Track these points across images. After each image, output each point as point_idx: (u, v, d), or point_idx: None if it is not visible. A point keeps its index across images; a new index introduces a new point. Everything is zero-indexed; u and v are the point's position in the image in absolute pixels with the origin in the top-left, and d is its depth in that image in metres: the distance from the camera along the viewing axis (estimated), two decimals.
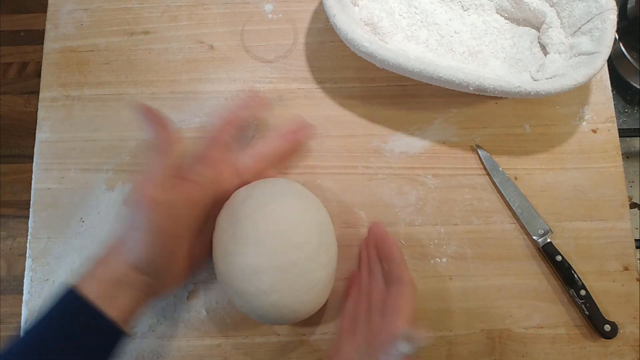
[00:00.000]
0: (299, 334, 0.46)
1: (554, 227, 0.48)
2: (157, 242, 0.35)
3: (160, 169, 0.35)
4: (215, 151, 0.43)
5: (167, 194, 0.35)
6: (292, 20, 0.54)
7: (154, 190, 0.34)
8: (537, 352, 0.46)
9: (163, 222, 0.35)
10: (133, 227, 0.35)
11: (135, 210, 0.35)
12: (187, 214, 0.38)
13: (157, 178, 0.35)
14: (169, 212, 0.35)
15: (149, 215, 0.34)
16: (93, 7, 0.55)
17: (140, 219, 0.34)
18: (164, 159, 0.35)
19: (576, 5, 0.48)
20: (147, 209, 0.34)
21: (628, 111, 0.72)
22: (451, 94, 0.49)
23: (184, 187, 0.38)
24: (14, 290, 1.16)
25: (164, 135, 0.36)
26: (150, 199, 0.34)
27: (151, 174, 0.35)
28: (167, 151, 0.35)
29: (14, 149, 1.25)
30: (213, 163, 0.42)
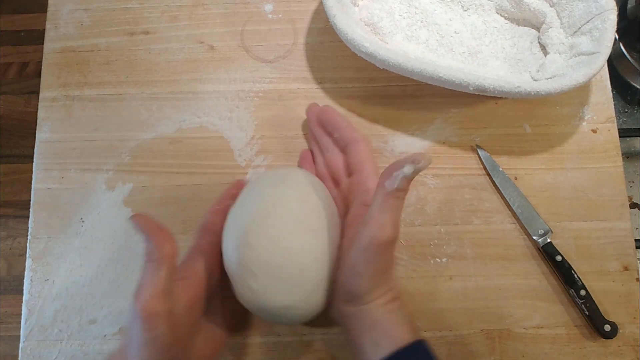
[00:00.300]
0: (299, 334, 0.46)
1: (554, 227, 0.48)
2: (159, 354, 0.33)
3: (157, 277, 0.33)
4: (204, 240, 0.41)
5: (166, 302, 0.33)
6: (292, 20, 0.54)
7: (153, 302, 0.33)
8: (537, 352, 0.46)
9: (163, 333, 0.33)
10: (134, 341, 0.33)
11: (135, 324, 0.33)
12: (186, 316, 0.36)
13: (154, 288, 0.33)
14: (169, 321, 0.34)
15: (149, 328, 0.33)
16: (93, 7, 0.55)
17: (140, 332, 0.33)
18: (160, 265, 0.33)
19: (576, 5, 0.48)
20: (145, 322, 0.32)
21: (628, 111, 0.72)
22: (451, 94, 0.49)
23: (183, 288, 0.37)
24: (14, 290, 1.16)
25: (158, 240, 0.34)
26: (150, 312, 0.32)
27: (148, 284, 0.33)
28: (162, 257, 0.34)
29: (14, 149, 1.25)
30: (205, 252, 0.40)
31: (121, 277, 0.47)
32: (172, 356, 0.35)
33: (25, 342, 0.46)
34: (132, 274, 0.47)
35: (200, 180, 0.49)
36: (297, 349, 0.46)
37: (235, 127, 0.51)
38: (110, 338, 0.46)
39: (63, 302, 0.47)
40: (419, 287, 0.47)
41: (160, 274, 0.33)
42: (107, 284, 0.47)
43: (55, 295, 0.47)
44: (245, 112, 0.51)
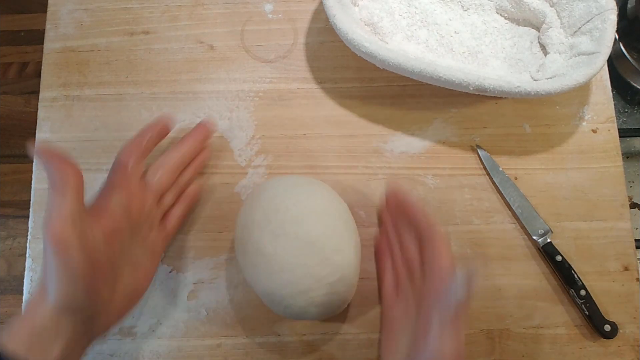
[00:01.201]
0: (299, 334, 0.46)
1: (554, 227, 0.48)
2: (76, 281, 0.33)
3: (63, 204, 0.33)
4: (117, 175, 0.41)
5: (77, 229, 0.33)
6: (292, 20, 0.54)
7: (62, 228, 0.32)
8: (537, 352, 0.46)
9: (77, 258, 0.33)
10: (49, 269, 0.33)
11: (47, 251, 0.33)
12: (104, 247, 0.36)
13: (61, 214, 0.33)
14: (82, 248, 0.33)
15: (61, 252, 0.32)
16: (93, 7, 0.55)
17: (53, 258, 0.33)
18: (65, 192, 0.33)
19: (576, 5, 0.48)
20: (57, 247, 0.32)
21: (628, 111, 0.72)
22: (451, 94, 0.49)
23: (95, 219, 0.36)
24: (14, 290, 1.16)
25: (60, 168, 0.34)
26: (58, 237, 0.32)
27: (55, 211, 0.33)
28: (69, 187, 0.34)
29: (14, 149, 1.25)
30: (119, 186, 0.40)
31: None
32: (89, 284, 0.34)
33: None
34: None
35: (200, 180, 0.49)
36: (297, 349, 0.46)
37: (235, 127, 0.51)
38: (110, 338, 0.46)
39: None
40: None
41: (66, 200, 0.33)
42: None
43: None
44: (245, 112, 0.51)
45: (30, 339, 0.33)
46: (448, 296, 0.33)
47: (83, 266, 0.33)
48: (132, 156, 0.41)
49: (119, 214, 0.39)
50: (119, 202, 0.39)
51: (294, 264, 0.39)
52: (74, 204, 0.33)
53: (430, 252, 0.38)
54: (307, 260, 0.39)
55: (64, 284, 0.33)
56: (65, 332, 0.34)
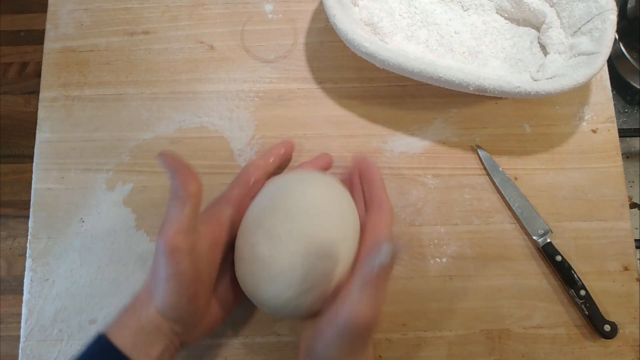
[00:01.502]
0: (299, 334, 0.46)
1: (554, 227, 0.48)
2: (181, 289, 0.35)
3: (182, 214, 0.34)
4: (236, 190, 0.43)
5: (190, 239, 0.35)
6: (292, 20, 0.54)
7: (177, 238, 0.34)
8: (537, 352, 0.46)
9: (186, 268, 0.34)
10: (158, 276, 0.35)
11: (159, 259, 0.34)
12: (209, 257, 0.38)
13: (178, 224, 0.34)
14: (192, 258, 0.35)
15: (172, 263, 0.34)
16: (93, 7, 0.55)
17: (164, 267, 0.34)
18: (185, 203, 0.35)
19: (576, 6, 0.48)
20: (170, 257, 0.34)
21: (628, 111, 0.72)
22: (451, 94, 0.49)
23: (205, 229, 0.38)
24: (14, 290, 1.16)
25: (184, 179, 0.35)
26: (173, 247, 0.34)
27: (173, 220, 0.34)
28: (187, 195, 0.35)
29: (14, 149, 1.25)
30: (233, 202, 0.42)
31: (121, 277, 0.47)
32: (192, 293, 0.36)
33: (25, 342, 0.46)
34: (132, 273, 0.47)
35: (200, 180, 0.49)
36: (297, 349, 0.46)
37: (235, 127, 0.51)
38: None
39: (63, 302, 0.47)
40: (419, 287, 0.47)
41: (185, 211, 0.34)
42: (107, 284, 0.47)
43: (55, 295, 0.47)
44: (245, 112, 0.51)
45: (134, 337, 0.35)
46: (372, 260, 0.34)
47: (191, 277, 0.35)
48: (256, 173, 0.43)
49: (226, 228, 0.40)
50: (229, 216, 0.40)
51: (289, 267, 0.38)
52: (191, 215, 0.35)
53: (371, 218, 0.39)
54: (303, 261, 0.38)
55: (171, 292, 0.35)
56: (165, 337, 0.36)
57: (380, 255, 0.33)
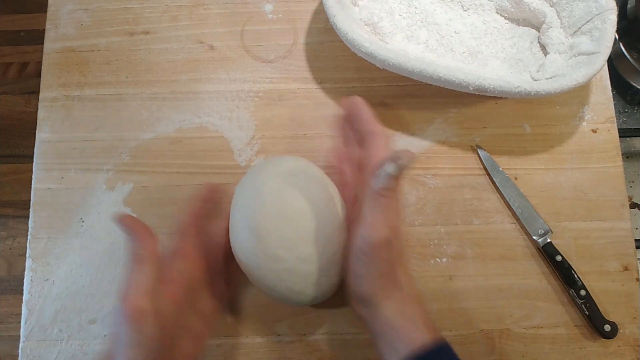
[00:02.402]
0: (299, 334, 0.46)
1: (554, 227, 0.48)
2: (148, 354, 0.34)
3: (144, 277, 0.34)
4: (183, 243, 0.41)
5: (153, 301, 0.34)
6: (292, 20, 0.54)
7: (140, 301, 0.33)
8: (537, 352, 0.46)
9: (152, 333, 0.34)
10: (121, 343, 0.34)
11: (122, 325, 0.33)
12: (172, 316, 0.37)
13: (141, 287, 0.34)
14: (156, 320, 0.34)
15: (136, 328, 0.33)
16: (93, 7, 0.55)
17: (127, 333, 0.33)
18: (145, 265, 0.34)
19: (576, 5, 0.48)
20: (134, 322, 0.33)
21: (628, 111, 0.72)
22: (451, 94, 0.49)
23: (166, 289, 0.37)
24: (14, 290, 1.16)
25: (143, 240, 0.35)
26: (136, 311, 0.33)
27: (134, 284, 0.34)
28: (149, 260, 0.34)
29: (14, 149, 1.25)
30: (185, 255, 0.41)
31: (121, 277, 0.47)
32: (159, 356, 0.35)
33: (25, 342, 0.46)
34: None
35: (200, 180, 0.49)
36: (297, 349, 0.46)
37: (235, 127, 0.51)
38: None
39: (63, 302, 0.47)
40: (419, 287, 0.47)
41: (146, 274, 0.34)
42: (107, 284, 0.47)
43: (55, 295, 0.47)
44: (245, 112, 0.51)
45: None
46: (377, 178, 0.34)
47: (156, 339, 0.34)
48: (193, 222, 0.42)
49: (183, 282, 0.39)
50: (185, 271, 0.40)
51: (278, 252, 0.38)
52: (152, 277, 0.34)
53: (370, 145, 0.39)
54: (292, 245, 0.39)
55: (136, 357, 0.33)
56: None
57: (384, 171, 0.33)
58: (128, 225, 0.35)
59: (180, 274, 0.39)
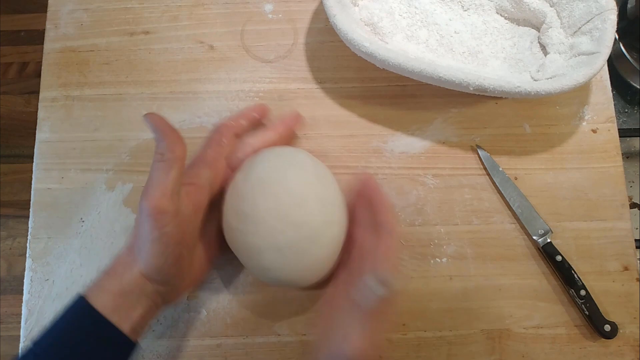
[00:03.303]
0: (299, 333, 0.46)
1: (554, 227, 0.48)
2: (167, 252, 0.35)
3: (167, 178, 0.35)
4: (211, 150, 0.43)
5: (173, 202, 0.35)
6: (292, 20, 0.54)
7: (162, 201, 0.34)
8: (537, 352, 0.46)
9: (171, 231, 0.35)
10: (143, 238, 0.35)
11: (144, 222, 0.34)
12: (192, 220, 0.38)
13: (164, 187, 0.34)
14: (176, 220, 0.35)
15: (157, 226, 0.34)
16: (93, 7, 0.55)
17: (149, 230, 0.34)
18: (171, 166, 0.35)
19: (576, 5, 0.48)
20: (154, 220, 0.34)
21: (628, 111, 0.72)
22: (451, 94, 0.49)
23: (188, 192, 0.38)
24: (14, 290, 1.16)
25: (171, 141, 0.35)
26: (157, 210, 0.34)
27: (158, 184, 0.35)
28: (173, 158, 0.35)
29: (14, 149, 1.25)
30: (209, 163, 0.42)
31: None
32: (178, 255, 0.36)
33: (25, 342, 0.46)
34: None
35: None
36: (297, 349, 0.46)
37: None
38: None
39: (63, 302, 0.46)
40: (419, 287, 0.47)
41: (171, 174, 0.35)
42: None
43: (55, 295, 0.47)
44: None
45: (115, 300, 0.35)
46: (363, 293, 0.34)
47: (175, 239, 0.35)
48: (227, 133, 0.43)
49: (205, 190, 0.40)
50: (207, 178, 0.40)
51: (265, 247, 0.39)
52: (176, 178, 0.35)
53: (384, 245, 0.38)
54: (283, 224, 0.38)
55: (156, 255, 0.35)
56: (147, 298, 0.36)
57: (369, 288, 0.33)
58: (157, 125, 0.36)
59: (201, 180, 0.40)
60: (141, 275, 0.35)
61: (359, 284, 0.35)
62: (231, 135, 0.44)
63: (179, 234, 0.35)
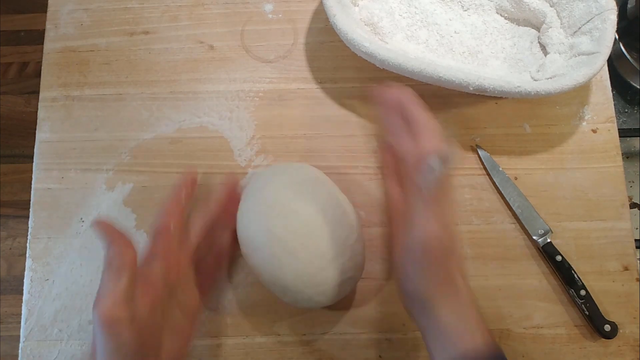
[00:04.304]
0: (299, 333, 0.46)
1: (554, 227, 0.48)
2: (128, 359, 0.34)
3: (118, 285, 0.33)
4: (160, 242, 0.41)
5: (127, 309, 0.33)
6: (292, 20, 0.54)
7: (115, 309, 0.33)
8: (537, 352, 0.46)
9: (128, 339, 0.33)
10: (99, 350, 0.33)
11: (97, 332, 0.33)
12: (151, 319, 0.36)
13: (115, 295, 0.33)
14: (133, 326, 0.34)
15: (113, 336, 0.33)
16: (93, 7, 0.55)
17: (104, 342, 0.33)
18: (121, 273, 0.34)
19: (576, 5, 0.48)
20: (110, 330, 0.33)
21: (628, 111, 0.72)
22: (451, 94, 0.49)
23: (143, 293, 0.36)
24: (14, 290, 1.16)
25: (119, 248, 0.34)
26: (111, 319, 0.33)
27: (109, 293, 0.33)
28: (123, 265, 0.34)
29: (14, 149, 1.25)
30: (161, 255, 0.40)
31: None
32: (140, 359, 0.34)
33: (25, 342, 0.46)
34: None
35: (200, 180, 0.49)
36: (297, 349, 0.46)
37: (235, 127, 0.51)
38: None
39: (63, 302, 0.47)
40: None
41: (122, 281, 0.33)
42: None
43: (55, 295, 0.47)
44: (245, 112, 0.51)
45: None
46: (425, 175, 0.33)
47: (134, 344, 0.33)
48: (172, 219, 0.41)
49: (160, 283, 0.38)
50: (160, 271, 0.39)
51: (300, 249, 0.39)
52: (127, 285, 0.34)
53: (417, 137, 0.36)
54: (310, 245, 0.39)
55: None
56: None
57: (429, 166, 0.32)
58: (104, 232, 0.35)
59: (155, 276, 0.38)
60: None
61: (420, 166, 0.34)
62: (177, 220, 0.42)
63: (138, 341, 0.34)
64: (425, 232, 0.34)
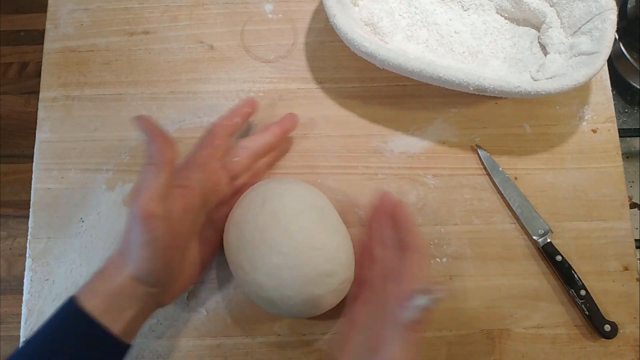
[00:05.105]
0: (299, 334, 0.46)
1: (554, 227, 0.48)
2: (158, 255, 0.35)
3: (157, 181, 0.35)
4: (203, 152, 0.43)
5: (164, 205, 0.35)
6: (292, 20, 0.54)
7: (151, 204, 0.34)
8: (537, 352, 0.46)
9: (162, 235, 0.35)
10: (133, 242, 0.35)
11: (134, 225, 0.35)
12: (183, 222, 0.38)
13: (153, 191, 0.34)
14: (167, 223, 0.35)
15: (147, 229, 0.34)
16: (93, 7, 0.55)
17: (139, 233, 0.34)
18: (160, 170, 0.35)
19: (576, 5, 0.48)
20: (145, 224, 0.34)
21: (628, 111, 0.72)
22: (451, 94, 0.49)
23: (179, 194, 0.38)
24: (14, 290, 1.16)
25: (160, 145, 0.35)
26: (148, 214, 0.34)
27: (147, 187, 0.35)
28: (163, 162, 0.35)
29: (14, 149, 1.25)
30: (201, 165, 0.42)
31: None
32: (169, 257, 0.36)
33: None
34: None
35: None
36: (297, 349, 0.46)
37: None
38: None
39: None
40: None
41: (160, 178, 0.35)
42: None
43: (55, 295, 0.47)
44: None
45: (106, 302, 0.35)
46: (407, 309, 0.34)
47: (166, 241, 0.35)
48: (220, 134, 0.43)
49: (197, 191, 0.40)
50: (199, 180, 0.40)
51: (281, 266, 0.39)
52: (165, 182, 0.35)
53: (410, 262, 0.38)
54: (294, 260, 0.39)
55: (146, 257, 0.35)
56: (138, 300, 0.36)
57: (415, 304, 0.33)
58: (146, 128, 0.36)
59: (193, 182, 0.40)
60: (132, 278, 0.35)
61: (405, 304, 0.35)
62: (225, 136, 0.44)
63: (169, 237, 0.35)
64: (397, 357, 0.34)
